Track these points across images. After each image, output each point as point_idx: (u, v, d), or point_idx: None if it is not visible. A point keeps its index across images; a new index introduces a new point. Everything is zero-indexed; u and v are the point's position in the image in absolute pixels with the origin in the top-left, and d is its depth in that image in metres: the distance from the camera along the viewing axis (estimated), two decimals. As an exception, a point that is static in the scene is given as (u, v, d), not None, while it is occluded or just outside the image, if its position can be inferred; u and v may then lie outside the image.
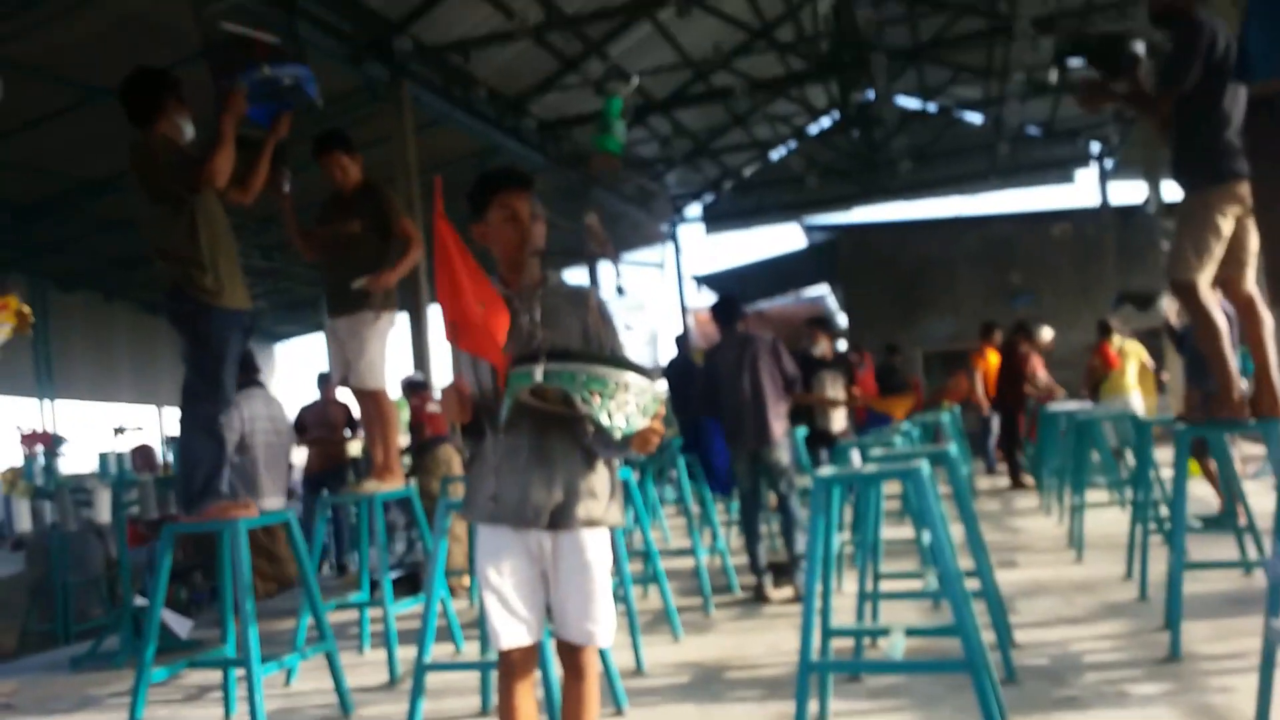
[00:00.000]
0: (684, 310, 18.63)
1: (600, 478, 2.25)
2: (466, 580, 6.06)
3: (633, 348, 2.40)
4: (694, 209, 18.44)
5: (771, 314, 18.11)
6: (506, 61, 10.29)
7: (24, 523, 6.40)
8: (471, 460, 2.32)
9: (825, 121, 16.40)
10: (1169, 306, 7.19)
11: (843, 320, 19.65)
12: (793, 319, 20.62)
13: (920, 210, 18.21)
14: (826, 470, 2.95)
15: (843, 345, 12.93)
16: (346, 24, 8.12)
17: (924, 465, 2.85)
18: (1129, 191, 17.06)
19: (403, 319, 5.13)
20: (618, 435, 2.00)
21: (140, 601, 5.38)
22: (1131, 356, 8.83)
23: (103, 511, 5.51)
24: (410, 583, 6.47)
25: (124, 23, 7.19)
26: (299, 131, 3.97)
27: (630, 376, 1.99)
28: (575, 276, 15.30)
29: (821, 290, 22.03)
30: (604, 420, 1.97)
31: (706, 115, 14.45)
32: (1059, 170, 16.99)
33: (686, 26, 10.80)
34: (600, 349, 2.23)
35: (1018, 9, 10.05)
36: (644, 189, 15.43)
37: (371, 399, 4.44)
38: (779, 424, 5.33)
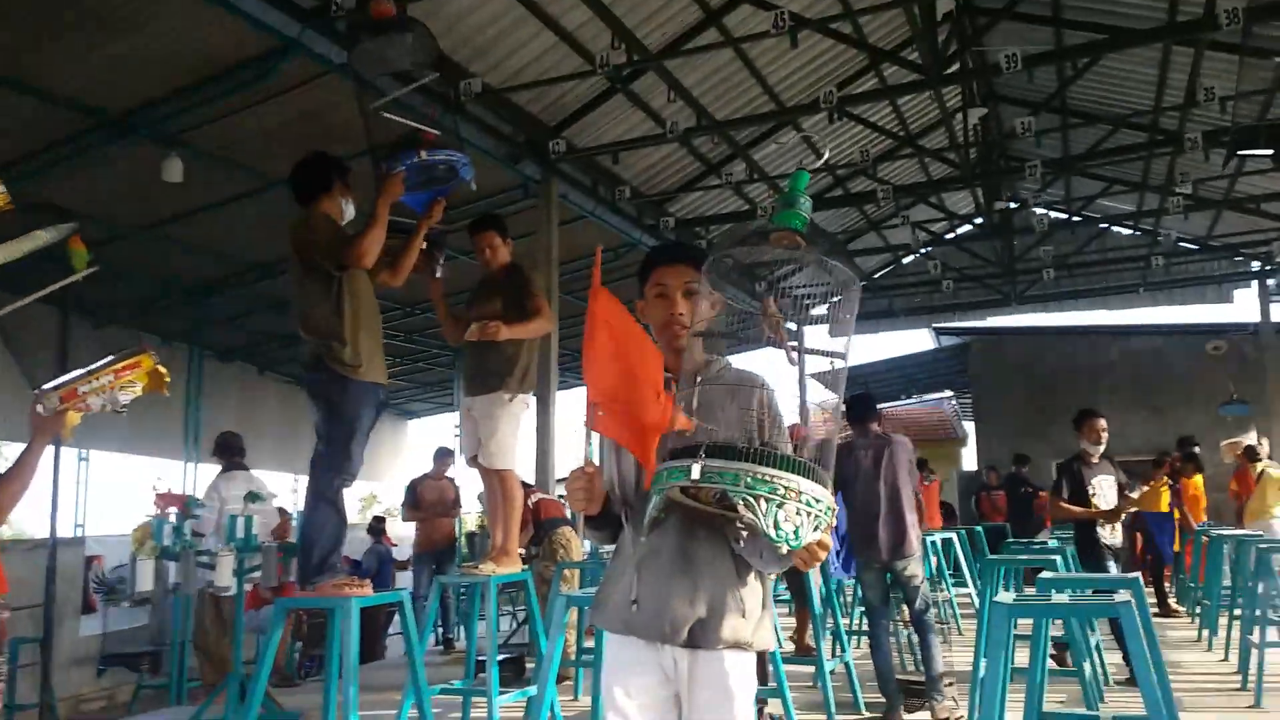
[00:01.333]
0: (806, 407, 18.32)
1: (751, 592, 2.00)
2: (571, 670, 5.95)
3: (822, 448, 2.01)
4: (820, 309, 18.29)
5: (889, 415, 17.69)
6: (652, 163, 10.63)
7: (146, 582, 6.58)
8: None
9: (964, 227, 16.13)
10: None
11: (969, 426, 18.87)
12: (912, 422, 20.00)
13: (1058, 319, 17.49)
14: (1007, 597, 2.74)
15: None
16: (507, 126, 8.59)
17: (1130, 599, 2.61)
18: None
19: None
20: (784, 549, 1.73)
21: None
22: (1270, 482, 8.70)
23: (224, 576, 5.56)
24: (514, 665, 6.39)
25: (301, 119, 7.77)
26: (452, 218, 4.13)
27: (802, 482, 1.71)
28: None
29: (944, 395, 21.37)
30: (769, 530, 1.69)
31: (840, 217, 14.46)
32: (1216, 288, 16.06)
33: (828, 133, 10.91)
34: (764, 445, 1.95)
35: (1185, 123, 9.71)
36: (772, 285, 15.45)
37: (498, 479, 4.47)
38: (915, 533, 5.07)
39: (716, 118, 9.29)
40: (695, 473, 1.73)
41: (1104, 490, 5.88)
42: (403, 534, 11.78)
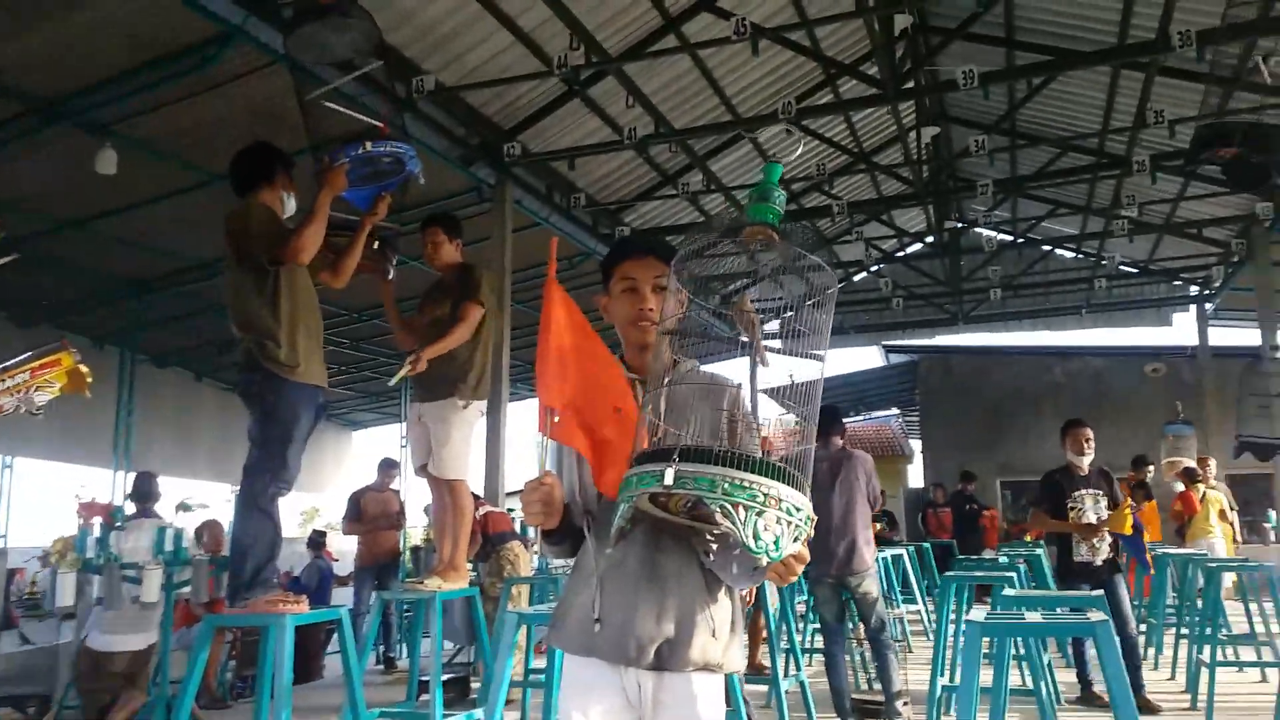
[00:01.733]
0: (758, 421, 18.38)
1: (721, 609, 1.88)
2: (517, 691, 5.74)
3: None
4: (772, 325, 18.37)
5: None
6: (608, 171, 10.52)
7: (67, 597, 6.17)
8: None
9: (914, 246, 16.34)
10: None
11: (916, 444, 19.08)
12: (860, 439, 20.13)
13: (1004, 339, 17.87)
14: (979, 615, 2.65)
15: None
16: (460, 127, 8.39)
17: (1105, 618, 2.55)
18: (1235, 334, 16.55)
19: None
20: (764, 561, 1.58)
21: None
22: (1212, 503, 9.08)
23: (151, 591, 5.23)
24: (459, 686, 6.17)
25: (245, 110, 7.47)
26: (405, 220, 3.93)
27: (782, 489, 1.57)
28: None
29: (890, 413, 21.60)
30: (748, 540, 1.54)
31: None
32: (1155, 311, 16.49)
33: (787, 145, 10.92)
34: (738, 450, 1.80)
35: (1134, 146, 9.89)
36: (726, 299, 15.45)
37: (449, 490, 4.28)
38: (869, 550, 4.99)
39: (675, 126, 9.24)
40: (669, 478, 1.56)
41: (1088, 505, 5.48)
42: (345, 549, 11.45)
